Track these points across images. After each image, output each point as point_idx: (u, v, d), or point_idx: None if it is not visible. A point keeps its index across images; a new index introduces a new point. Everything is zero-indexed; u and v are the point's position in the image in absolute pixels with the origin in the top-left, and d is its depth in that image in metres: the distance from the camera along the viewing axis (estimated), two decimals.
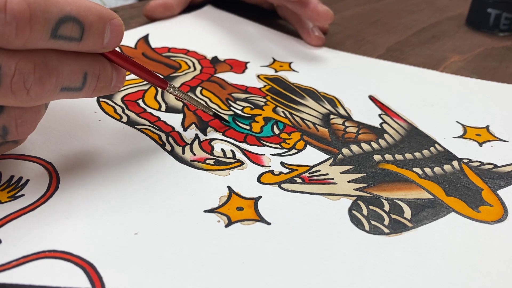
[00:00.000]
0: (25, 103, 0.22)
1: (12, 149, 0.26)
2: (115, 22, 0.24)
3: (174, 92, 0.30)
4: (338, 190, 0.28)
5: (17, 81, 0.21)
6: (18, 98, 0.21)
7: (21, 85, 0.21)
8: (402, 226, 0.25)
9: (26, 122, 0.23)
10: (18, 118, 0.23)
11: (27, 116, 0.23)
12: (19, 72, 0.21)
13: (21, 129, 0.23)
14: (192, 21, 0.49)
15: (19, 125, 0.23)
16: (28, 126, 0.24)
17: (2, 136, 0.23)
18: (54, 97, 0.23)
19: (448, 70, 0.44)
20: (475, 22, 0.55)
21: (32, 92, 0.22)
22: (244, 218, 0.25)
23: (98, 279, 0.21)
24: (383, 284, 0.22)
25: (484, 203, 0.28)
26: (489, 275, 0.23)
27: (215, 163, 0.29)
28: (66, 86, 0.23)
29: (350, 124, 0.34)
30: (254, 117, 0.34)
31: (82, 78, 0.24)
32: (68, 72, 0.23)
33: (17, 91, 0.21)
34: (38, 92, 0.22)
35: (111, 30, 0.24)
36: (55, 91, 0.23)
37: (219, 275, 0.22)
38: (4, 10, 0.20)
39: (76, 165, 0.28)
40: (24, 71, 0.21)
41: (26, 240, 0.23)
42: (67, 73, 0.23)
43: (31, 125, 0.24)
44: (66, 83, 0.23)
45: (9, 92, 0.21)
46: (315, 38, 0.46)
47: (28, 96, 0.22)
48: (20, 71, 0.21)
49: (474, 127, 0.35)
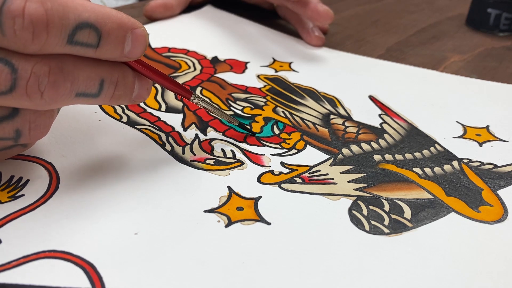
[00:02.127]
0: (40, 106, 0.22)
1: (20, 152, 0.26)
2: (137, 32, 0.24)
3: (199, 102, 0.29)
4: (338, 190, 0.28)
5: (32, 84, 0.21)
6: (33, 101, 0.22)
7: (35, 88, 0.21)
8: (402, 226, 0.25)
9: (39, 126, 0.23)
10: (32, 122, 0.23)
11: (40, 120, 0.23)
12: (34, 75, 0.21)
13: (34, 132, 0.23)
14: (192, 21, 0.49)
15: (32, 129, 0.23)
16: (41, 130, 0.24)
17: (15, 139, 0.23)
18: (70, 102, 0.23)
19: (448, 70, 0.44)
20: (475, 22, 0.55)
21: (46, 96, 0.22)
22: (244, 218, 0.25)
23: (98, 279, 0.21)
24: (383, 284, 0.22)
25: (484, 203, 0.28)
26: (489, 275, 0.23)
27: (215, 163, 0.29)
28: (82, 92, 0.23)
29: (350, 124, 0.34)
30: (254, 117, 0.34)
31: (98, 84, 0.24)
32: (84, 78, 0.23)
33: (32, 94, 0.21)
34: (52, 96, 0.22)
35: (132, 39, 0.24)
36: (70, 95, 0.23)
37: (219, 275, 0.22)
38: (22, 15, 0.20)
39: (76, 165, 0.28)
40: (39, 75, 0.21)
41: (26, 240, 0.23)
42: (83, 79, 0.23)
43: (44, 129, 0.24)
44: (81, 88, 0.23)
45: (24, 95, 0.21)
46: (315, 38, 0.46)
47: (43, 100, 0.22)
48: (35, 74, 0.21)
49: (474, 127, 0.35)
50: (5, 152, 0.25)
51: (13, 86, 0.21)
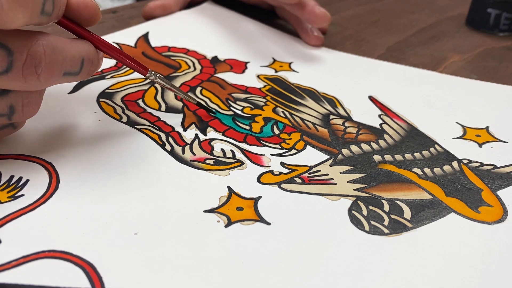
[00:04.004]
0: (33, 87, 0.24)
1: (11, 134, 0.27)
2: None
3: (156, 79, 0.31)
4: (338, 191, 0.28)
5: (29, 66, 0.23)
6: (28, 82, 0.23)
7: (32, 70, 0.23)
8: (402, 227, 0.25)
9: (31, 103, 0.25)
10: (25, 98, 0.24)
11: (32, 97, 0.25)
12: (30, 57, 0.22)
13: (26, 109, 0.25)
14: (191, 19, 0.49)
15: (25, 105, 0.24)
16: (33, 107, 0.25)
17: (8, 116, 0.24)
18: (57, 81, 0.25)
19: (448, 70, 0.44)
20: (475, 22, 0.55)
21: (42, 77, 0.23)
22: (244, 218, 0.25)
23: (98, 279, 0.21)
24: (383, 284, 0.22)
25: (484, 204, 0.28)
26: (489, 275, 0.23)
27: (215, 163, 0.29)
28: (68, 71, 0.25)
29: (350, 125, 0.34)
30: (254, 117, 0.34)
31: (80, 63, 0.26)
32: (70, 58, 0.25)
33: (28, 76, 0.23)
34: (47, 76, 0.23)
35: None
36: (59, 75, 0.24)
37: (219, 275, 0.22)
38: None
39: (76, 165, 0.28)
40: (35, 57, 0.23)
41: (26, 240, 0.23)
42: (69, 59, 0.25)
43: (35, 106, 0.25)
44: (68, 68, 0.25)
45: (20, 77, 0.23)
46: (314, 38, 0.46)
47: (38, 81, 0.23)
48: (31, 56, 0.22)
49: (474, 128, 0.35)
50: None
51: (9, 67, 0.22)
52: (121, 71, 0.38)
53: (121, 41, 0.43)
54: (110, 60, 0.40)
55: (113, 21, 0.50)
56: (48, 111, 0.32)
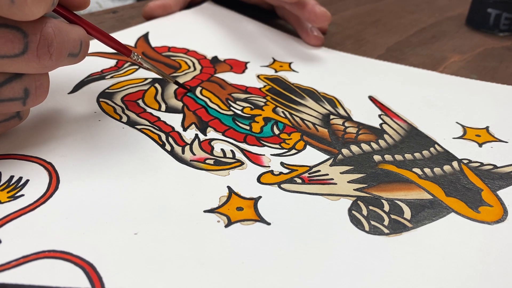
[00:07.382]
0: (45, 68, 0.25)
1: (16, 126, 0.28)
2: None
3: (138, 60, 0.32)
4: (338, 191, 0.28)
5: (43, 46, 0.24)
6: (41, 63, 0.24)
7: (45, 50, 0.24)
8: (402, 227, 0.25)
9: (43, 85, 0.26)
10: (37, 80, 0.25)
11: (43, 79, 0.26)
12: (43, 38, 0.24)
13: (39, 91, 0.26)
14: (191, 18, 0.49)
15: (38, 87, 0.26)
16: (44, 89, 0.26)
17: (24, 99, 0.25)
18: (63, 63, 0.26)
19: (448, 70, 0.44)
20: (475, 22, 0.55)
21: (53, 56, 0.24)
22: (244, 218, 0.25)
23: (98, 279, 0.21)
24: (383, 284, 0.22)
25: (484, 204, 0.28)
26: (489, 275, 0.23)
27: (215, 163, 0.29)
28: (71, 52, 0.26)
29: (350, 125, 0.34)
30: (254, 117, 0.34)
31: (79, 45, 0.27)
32: (72, 40, 0.26)
33: (42, 55, 0.24)
34: (58, 56, 0.25)
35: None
36: (65, 56, 0.26)
37: (219, 275, 0.22)
38: None
39: (76, 165, 0.28)
40: (47, 37, 0.24)
41: (26, 240, 0.23)
42: (72, 40, 0.26)
43: (46, 89, 0.26)
44: (71, 49, 0.26)
45: (35, 57, 0.24)
46: (314, 37, 0.46)
47: (50, 60, 0.24)
48: (44, 37, 0.24)
49: (474, 127, 0.35)
50: (4, 124, 0.27)
51: (25, 49, 0.23)
52: (121, 71, 0.38)
53: (121, 41, 0.43)
54: (110, 60, 0.40)
55: (113, 21, 0.50)
56: (48, 111, 0.32)
